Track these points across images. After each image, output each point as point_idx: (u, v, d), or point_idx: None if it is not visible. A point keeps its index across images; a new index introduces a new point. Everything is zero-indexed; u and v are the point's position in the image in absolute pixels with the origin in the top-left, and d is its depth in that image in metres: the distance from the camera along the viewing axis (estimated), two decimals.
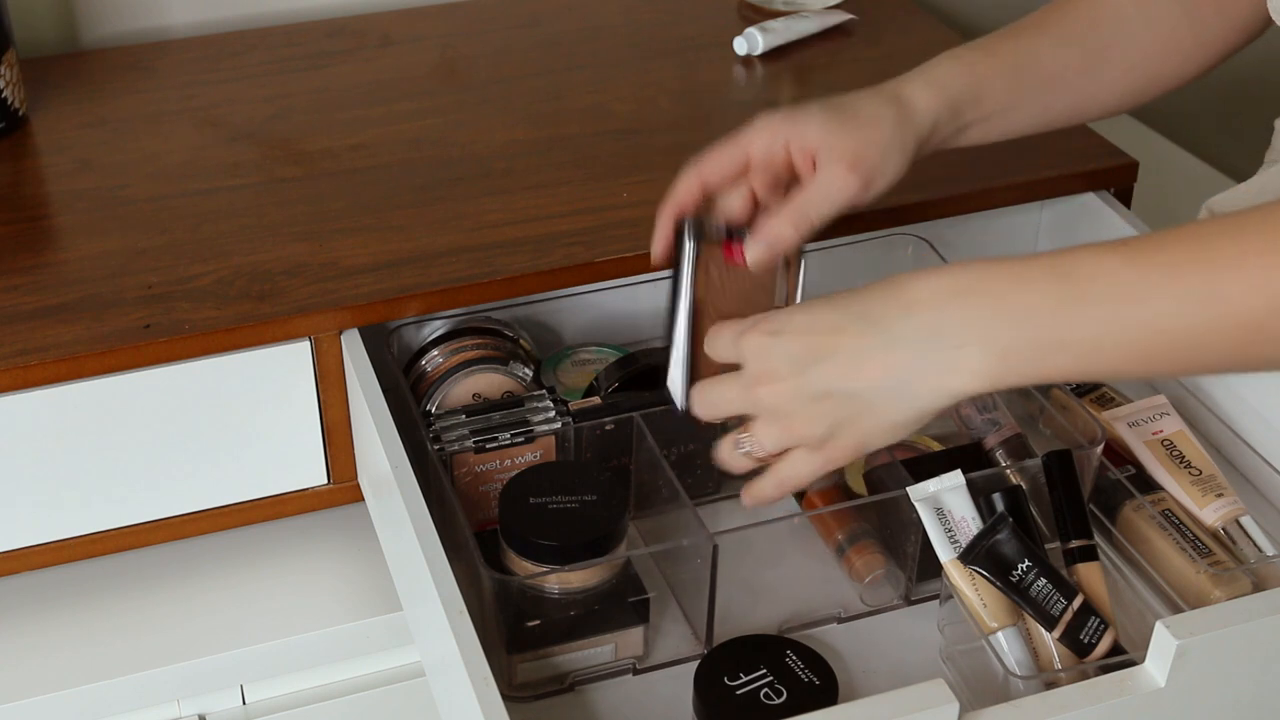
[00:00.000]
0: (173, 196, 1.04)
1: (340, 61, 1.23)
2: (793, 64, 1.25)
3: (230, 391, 0.92)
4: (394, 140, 1.11)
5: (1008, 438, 0.94)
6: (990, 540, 0.80)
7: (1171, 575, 0.89)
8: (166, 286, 0.94)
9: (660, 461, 0.88)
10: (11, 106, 1.12)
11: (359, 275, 0.95)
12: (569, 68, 1.23)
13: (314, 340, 0.93)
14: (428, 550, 0.79)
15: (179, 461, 0.93)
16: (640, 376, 0.96)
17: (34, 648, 0.92)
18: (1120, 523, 0.92)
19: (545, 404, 0.92)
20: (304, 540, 0.99)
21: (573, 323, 1.06)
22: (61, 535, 0.94)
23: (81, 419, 0.90)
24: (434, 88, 1.19)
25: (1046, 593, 0.79)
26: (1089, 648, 0.80)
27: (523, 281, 0.96)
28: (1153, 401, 0.97)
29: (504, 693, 0.72)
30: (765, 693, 0.80)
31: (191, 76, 1.20)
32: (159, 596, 0.95)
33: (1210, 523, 0.90)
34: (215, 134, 1.12)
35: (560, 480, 0.85)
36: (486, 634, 0.78)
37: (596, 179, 1.07)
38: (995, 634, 0.80)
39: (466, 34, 1.28)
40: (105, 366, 0.89)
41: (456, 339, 0.98)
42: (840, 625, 0.89)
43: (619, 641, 0.85)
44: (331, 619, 0.94)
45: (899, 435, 0.74)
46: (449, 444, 0.89)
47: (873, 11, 1.32)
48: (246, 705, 0.97)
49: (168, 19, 1.30)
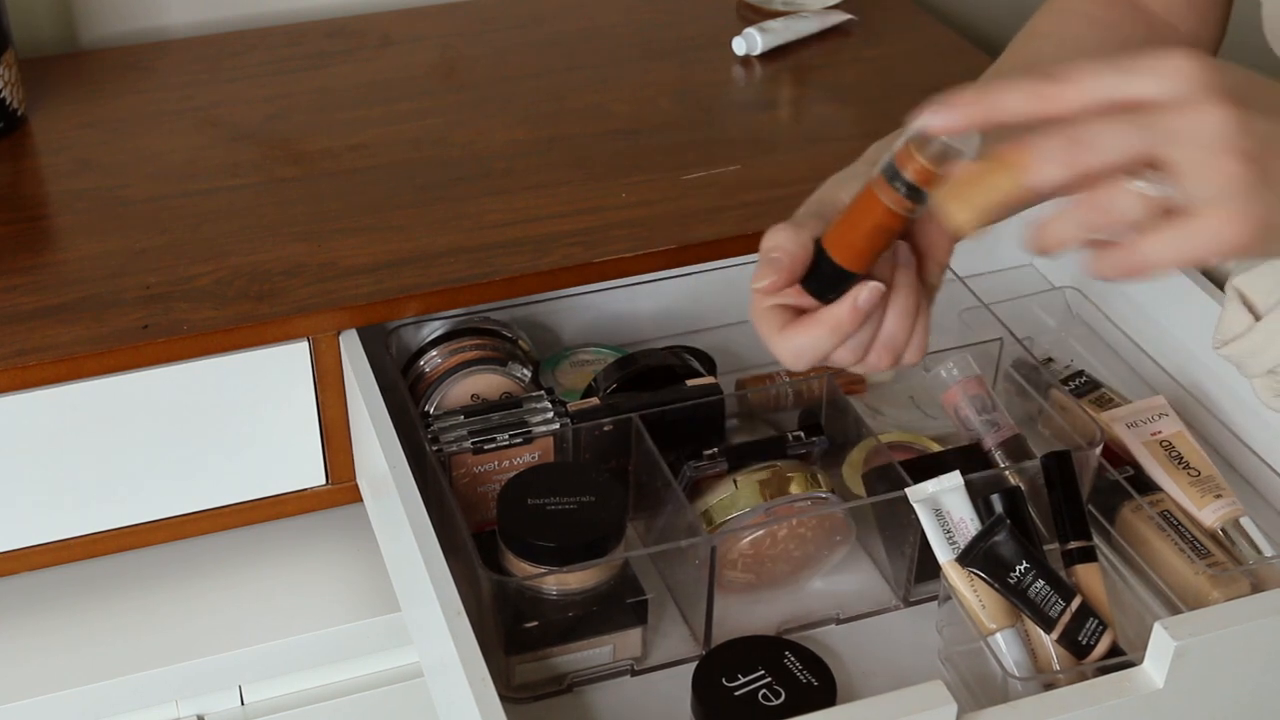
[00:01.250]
0: (172, 196, 1.04)
1: (340, 61, 1.23)
2: (792, 64, 1.25)
3: (229, 392, 0.92)
4: (394, 140, 1.11)
5: (1006, 438, 0.94)
6: (989, 541, 0.80)
7: (1170, 576, 0.89)
8: (165, 287, 0.94)
9: (659, 462, 0.88)
10: (10, 106, 1.12)
11: (358, 275, 0.95)
12: (569, 68, 1.23)
13: (313, 341, 0.93)
14: (426, 551, 0.79)
15: (178, 462, 0.93)
16: (639, 377, 0.96)
17: (33, 648, 0.92)
18: (1119, 524, 0.92)
19: (544, 405, 0.92)
20: (302, 541, 0.99)
21: (571, 323, 1.06)
22: (61, 535, 0.94)
23: (81, 419, 0.90)
24: (434, 88, 1.19)
25: (1045, 594, 0.79)
26: (1087, 649, 0.80)
27: (522, 282, 0.96)
28: (1151, 403, 0.97)
29: (502, 694, 0.72)
30: (763, 694, 0.80)
31: (191, 76, 1.20)
32: (158, 597, 0.95)
33: (1209, 524, 0.90)
34: (215, 134, 1.12)
35: (559, 481, 0.85)
36: (485, 635, 0.78)
37: (596, 179, 1.07)
38: (994, 635, 0.80)
39: (466, 34, 1.28)
40: (104, 367, 0.89)
41: (455, 339, 0.98)
42: (838, 626, 0.89)
43: (617, 642, 0.85)
44: (330, 619, 0.94)
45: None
46: (447, 445, 0.89)
47: (872, 11, 1.32)
48: (245, 706, 0.97)
49: (167, 19, 1.30)
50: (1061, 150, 0.60)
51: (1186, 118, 0.59)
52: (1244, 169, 0.59)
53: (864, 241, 0.70)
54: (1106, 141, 0.60)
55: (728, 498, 0.89)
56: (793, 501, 0.88)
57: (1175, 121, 0.59)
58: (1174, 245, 0.60)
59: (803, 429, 0.95)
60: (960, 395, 0.96)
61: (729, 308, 1.09)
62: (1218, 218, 0.59)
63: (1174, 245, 0.60)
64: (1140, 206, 0.60)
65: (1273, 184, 0.60)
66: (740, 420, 1.03)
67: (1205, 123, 0.59)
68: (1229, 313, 0.93)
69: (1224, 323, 0.93)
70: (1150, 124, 0.60)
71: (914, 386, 1.06)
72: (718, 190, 1.05)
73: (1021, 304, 1.11)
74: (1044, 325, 1.12)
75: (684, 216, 1.02)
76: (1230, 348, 0.92)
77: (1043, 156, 0.61)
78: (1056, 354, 1.09)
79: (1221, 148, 0.59)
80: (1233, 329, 0.92)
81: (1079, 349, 1.11)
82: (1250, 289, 0.92)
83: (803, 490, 0.89)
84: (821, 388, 0.98)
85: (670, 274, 1.04)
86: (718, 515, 0.88)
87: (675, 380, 0.95)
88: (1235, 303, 0.93)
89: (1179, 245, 0.60)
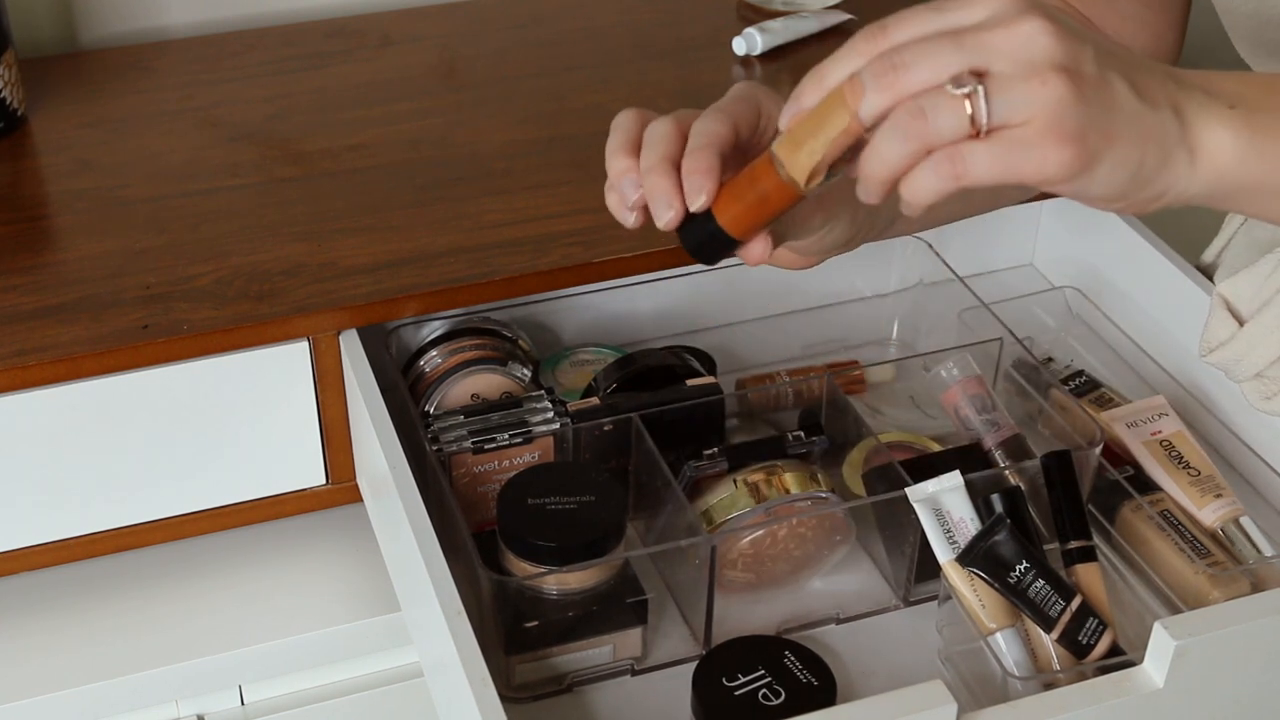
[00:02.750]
0: (172, 196, 1.04)
1: (339, 62, 1.23)
2: (792, 64, 1.25)
3: (229, 392, 0.92)
4: (393, 140, 1.11)
5: (1006, 438, 0.94)
6: (989, 541, 0.80)
7: (1170, 576, 0.89)
8: (165, 287, 0.94)
9: (659, 462, 0.88)
10: (10, 106, 1.12)
11: (358, 275, 0.95)
12: (569, 68, 1.23)
13: (312, 341, 0.93)
14: (426, 551, 0.79)
15: (178, 462, 0.93)
16: (639, 377, 0.96)
17: (32, 648, 0.92)
18: (1119, 523, 0.92)
19: (544, 405, 0.92)
20: (302, 541, 0.99)
21: (571, 323, 1.06)
22: (60, 535, 0.94)
23: (80, 419, 0.90)
24: (433, 88, 1.19)
25: (1045, 594, 0.79)
26: (1087, 649, 0.80)
27: (521, 282, 0.96)
28: (1151, 402, 0.97)
29: (502, 693, 0.72)
30: (763, 693, 0.80)
31: (191, 76, 1.20)
32: (157, 597, 0.95)
33: (1209, 523, 0.90)
34: (214, 134, 1.12)
35: (559, 481, 0.85)
36: (485, 635, 0.78)
37: (596, 179, 1.05)
38: (994, 635, 0.80)
39: (466, 34, 1.28)
40: (104, 367, 0.89)
41: (455, 339, 0.98)
42: (838, 626, 0.89)
43: (617, 642, 0.85)
44: (330, 619, 0.94)
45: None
46: (447, 445, 0.89)
47: (872, 12, 1.32)
48: (245, 706, 0.97)
49: (167, 19, 1.30)
50: (881, 75, 0.60)
51: (1004, 32, 0.59)
52: (1062, 82, 0.59)
53: (752, 213, 0.67)
54: (925, 60, 0.59)
55: (728, 498, 0.89)
56: (793, 501, 0.88)
57: (993, 37, 0.59)
58: (993, 154, 0.60)
59: (803, 429, 0.95)
60: (960, 395, 0.96)
61: (729, 308, 1.09)
62: (1037, 131, 0.59)
63: (993, 154, 0.60)
64: (959, 111, 0.59)
65: (1090, 101, 0.60)
66: (740, 420, 1.03)
67: (1022, 35, 0.59)
68: (1214, 319, 0.93)
69: (1210, 330, 0.93)
70: (967, 41, 0.60)
71: (914, 386, 1.06)
72: None
73: (1021, 304, 1.11)
74: (1044, 325, 1.12)
75: None
76: (1216, 354, 0.92)
77: (865, 85, 0.60)
78: (1056, 354, 1.09)
79: (1040, 60, 0.59)
80: (1218, 335, 0.93)
81: (1079, 349, 1.11)
82: (1234, 295, 0.93)
83: (803, 490, 0.89)
84: (821, 387, 0.98)
85: (670, 274, 1.03)
86: (718, 515, 0.88)
87: (675, 380, 0.95)
88: (1220, 309, 0.93)
89: (999, 156, 0.59)
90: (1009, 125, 0.59)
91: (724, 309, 1.09)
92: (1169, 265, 1.03)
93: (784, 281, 1.08)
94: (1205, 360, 0.93)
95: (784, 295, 1.10)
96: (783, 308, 1.10)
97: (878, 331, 1.13)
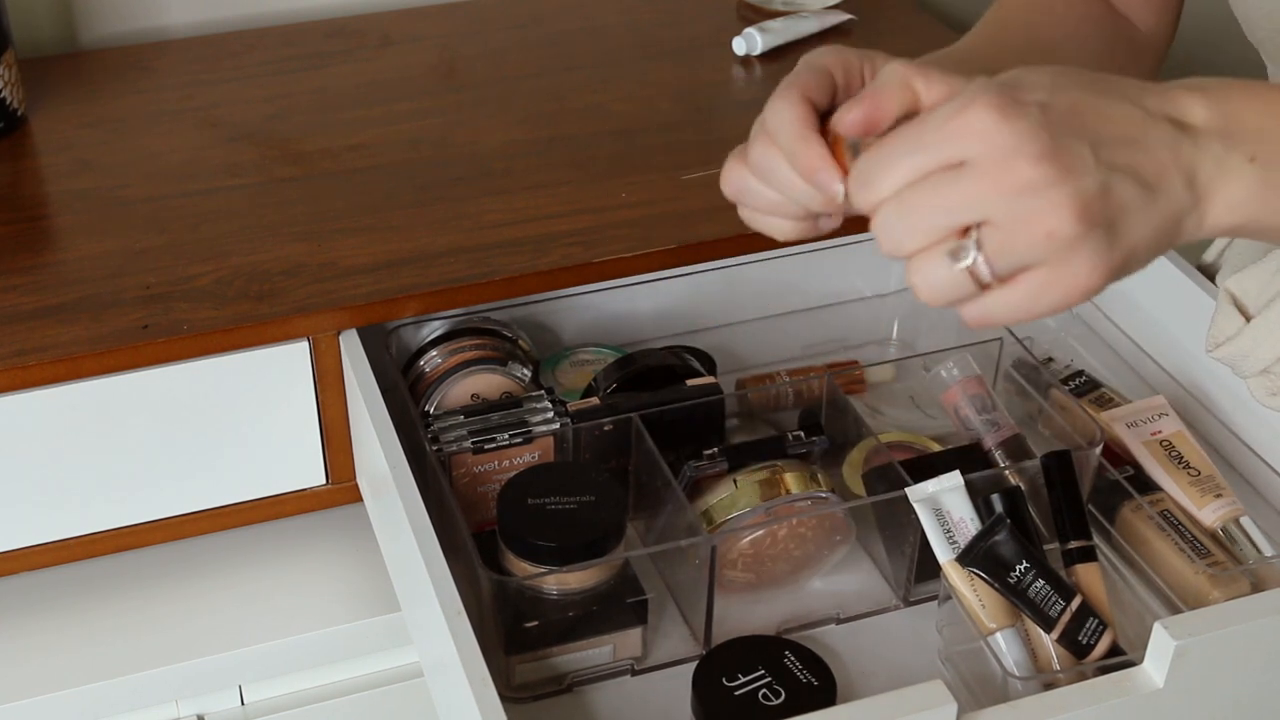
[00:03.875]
0: (172, 196, 1.04)
1: (339, 62, 1.23)
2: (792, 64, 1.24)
3: (229, 392, 0.92)
4: (393, 140, 1.11)
5: (1006, 438, 0.94)
6: (989, 541, 0.80)
7: (1170, 576, 0.89)
8: (165, 287, 0.94)
9: (659, 462, 0.88)
10: (10, 106, 1.12)
11: (358, 275, 0.95)
12: (569, 68, 1.23)
13: (312, 340, 0.93)
14: (426, 551, 0.79)
15: (178, 461, 0.93)
16: (639, 377, 0.96)
17: (32, 648, 0.92)
18: (1119, 523, 0.92)
19: (544, 405, 0.92)
20: (302, 541, 0.99)
21: (571, 323, 1.06)
22: (60, 535, 0.94)
23: (80, 419, 0.90)
24: (433, 88, 1.19)
25: (1045, 594, 0.79)
26: (1087, 649, 0.80)
27: (521, 282, 0.96)
28: (1151, 402, 0.97)
29: (502, 693, 0.72)
30: (763, 693, 0.80)
31: (190, 76, 1.20)
32: (157, 597, 0.95)
33: (1209, 523, 0.90)
34: (214, 134, 1.12)
35: (559, 481, 0.85)
36: (485, 635, 0.78)
37: (596, 179, 1.07)
38: (994, 635, 0.80)
39: (466, 34, 1.28)
40: (104, 367, 0.89)
41: (455, 339, 0.98)
42: (838, 626, 0.89)
43: (617, 642, 0.85)
44: (330, 619, 0.94)
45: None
46: (447, 445, 0.89)
47: (872, 11, 1.32)
48: (245, 706, 0.97)
49: (167, 19, 1.30)
50: (880, 234, 0.60)
51: (994, 176, 0.57)
52: (1063, 221, 0.56)
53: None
54: (917, 228, 0.58)
55: (728, 497, 0.89)
56: (793, 501, 0.88)
57: (980, 186, 0.57)
58: (1012, 304, 0.58)
59: (803, 429, 0.95)
60: (960, 395, 0.96)
61: (729, 308, 1.09)
62: (1053, 270, 0.57)
63: (1012, 304, 0.58)
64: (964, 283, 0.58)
65: (1098, 223, 0.57)
66: (740, 420, 1.03)
67: (1013, 177, 0.56)
68: (1220, 315, 0.93)
69: (1216, 325, 0.93)
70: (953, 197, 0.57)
71: (914, 386, 1.06)
72: (717, 190, 1.04)
73: None
74: (1044, 325, 1.12)
75: (683, 216, 1.02)
76: (1223, 350, 0.92)
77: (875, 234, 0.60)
78: (1056, 354, 1.09)
79: (1037, 202, 0.56)
80: (1225, 331, 0.92)
81: (1079, 349, 1.11)
82: (1240, 290, 0.92)
83: (803, 490, 0.89)
84: (821, 387, 0.98)
85: (670, 274, 1.04)
86: (718, 515, 0.88)
87: (675, 380, 0.95)
88: (1226, 305, 0.93)
89: (1020, 305, 0.58)
90: (1023, 268, 0.58)
91: (724, 309, 1.09)
92: (1169, 265, 1.03)
93: (784, 281, 1.08)
94: (1211, 356, 0.93)
95: (784, 295, 1.10)
96: (783, 308, 1.10)
97: (878, 331, 1.13)
